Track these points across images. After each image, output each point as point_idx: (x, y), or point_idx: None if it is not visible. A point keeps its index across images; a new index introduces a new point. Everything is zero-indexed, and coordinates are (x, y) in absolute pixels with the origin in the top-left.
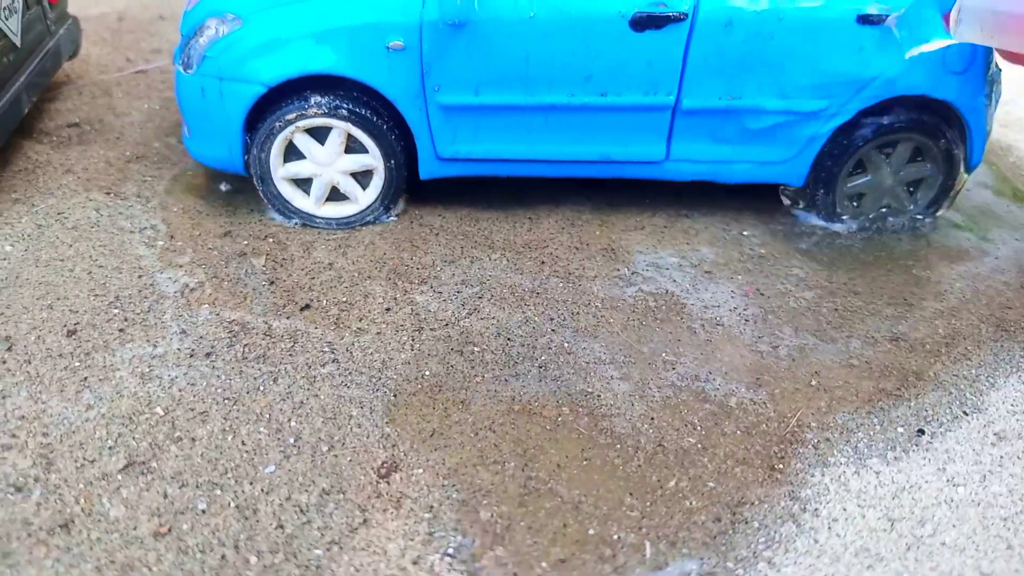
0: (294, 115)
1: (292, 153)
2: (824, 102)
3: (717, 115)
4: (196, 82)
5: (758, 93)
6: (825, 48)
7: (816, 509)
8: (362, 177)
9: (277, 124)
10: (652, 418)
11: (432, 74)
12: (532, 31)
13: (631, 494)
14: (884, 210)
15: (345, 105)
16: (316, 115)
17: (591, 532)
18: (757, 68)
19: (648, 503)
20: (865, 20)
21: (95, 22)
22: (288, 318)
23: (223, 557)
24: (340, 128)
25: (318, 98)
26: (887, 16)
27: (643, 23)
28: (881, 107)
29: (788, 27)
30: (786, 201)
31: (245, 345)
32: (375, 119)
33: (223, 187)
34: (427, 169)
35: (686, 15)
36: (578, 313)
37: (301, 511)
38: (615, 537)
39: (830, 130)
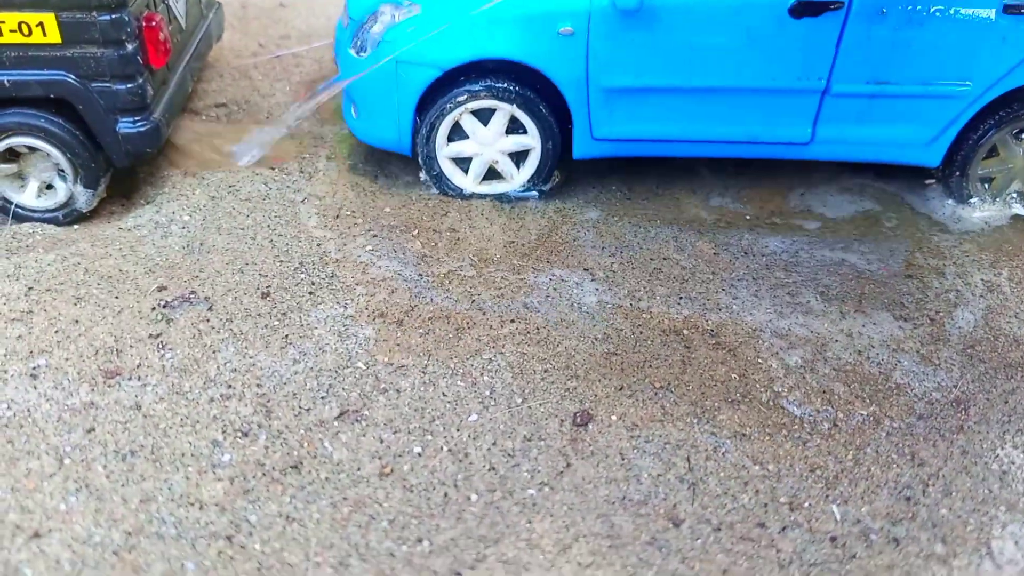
0: (465, 97)
1: (454, 133)
2: (966, 87)
3: (863, 99)
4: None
5: (904, 78)
6: (971, 35)
7: None
8: (517, 156)
9: (448, 105)
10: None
11: (597, 58)
12: (697, 17)
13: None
14: (1013, 194)
15: (513, 88)
16: (485, 97)
17: (780, 495)
18: (905, 54)
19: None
20: (1009, 9)
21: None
22: (460, 284)
23: (445, 495)
24: (505, 110)
25: (489, 81)
26: None
27: (801, 10)
28: (1020, 94)
29: (938, 15)
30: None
31: (428, 308)
32: (539, 102)
33: (370, 168)
34: (581, 149)
35: (843, 3)
36: None
37: (509, 455)
38: (806, 505)
39: (970, 114)
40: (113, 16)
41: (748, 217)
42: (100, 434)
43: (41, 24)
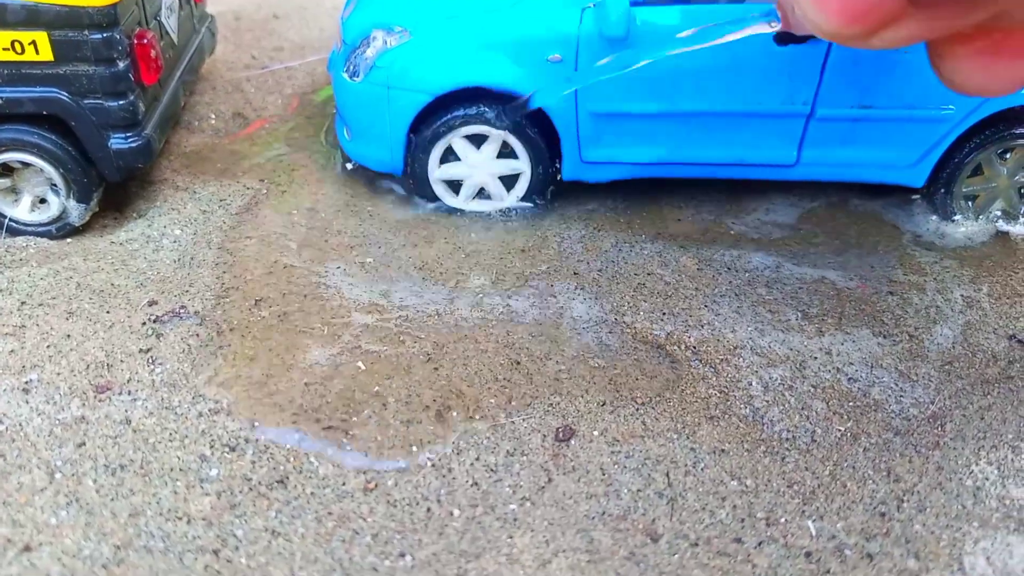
0: (458, 122)
1: (446, 155)
2: (949, 111)
3: (848, 122)
4: (363, 90)
5: (888, 102)
6: None
7: None
8: (507, 179)
9: (441, 129)
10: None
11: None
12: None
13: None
14: (997, 212)
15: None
16: (479, 122)
17: (756, 510)
18: (889, 79)
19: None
20: None
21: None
22: (448, 291)
23: (428, 510)
24: (496, 135)
25: (481, 107)
26: None
27: (786, 38)
28: (1003, 115)
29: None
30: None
31: (417, 313)
32: (529, 128)
33: (348, 165)
34: (570, 172)
35: None
36: None
37: (491, 470)
38: (782, 520)
39: (954, 137)
40: (105, 35)
41: (732, 233)
42: (91, 448)
43: (34, 42)
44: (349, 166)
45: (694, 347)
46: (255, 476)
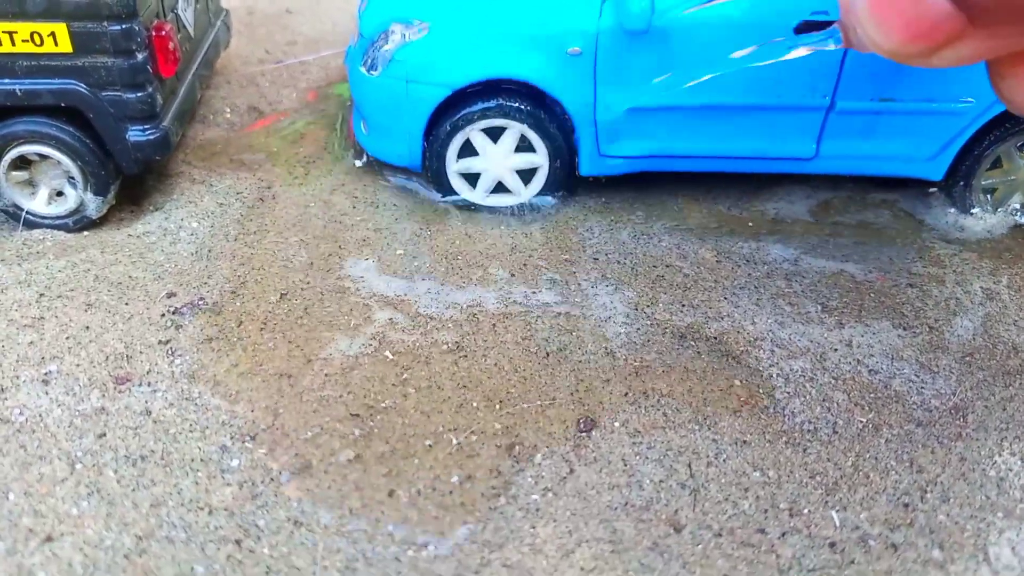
0: (477, 115)
1: (464, 149)
2: (969, 104)
3: (867, 115)
4: (382, 84)
5: (907, 95)
6: None
7: None
8: (525, 173)
9: (460, 123)
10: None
11: (604, 77)
12: (704, 37)
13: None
14: (1016, 205)
15: (524, 107)
16: (497, 115)
17: (779, 501)
18: (908, 72)
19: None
20: None
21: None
22: (469, 285)
23: (450, 499)
24: (515, 128)
25: (501, 100)
26: None
27: (807, 30)
28: None
29: None
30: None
31: (437, 306)
32: (548, 121)
33: (358, 163)
34: (588, 166)
35: None
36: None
37: (515, 460)
38: (805, 511)
39: (973, 130)
40: (124, 26)
41: (751, 224)
42: (111, 439)
43: (53, 34)
44: (362, 161)
45: (715, 339)
46: (276, 465)
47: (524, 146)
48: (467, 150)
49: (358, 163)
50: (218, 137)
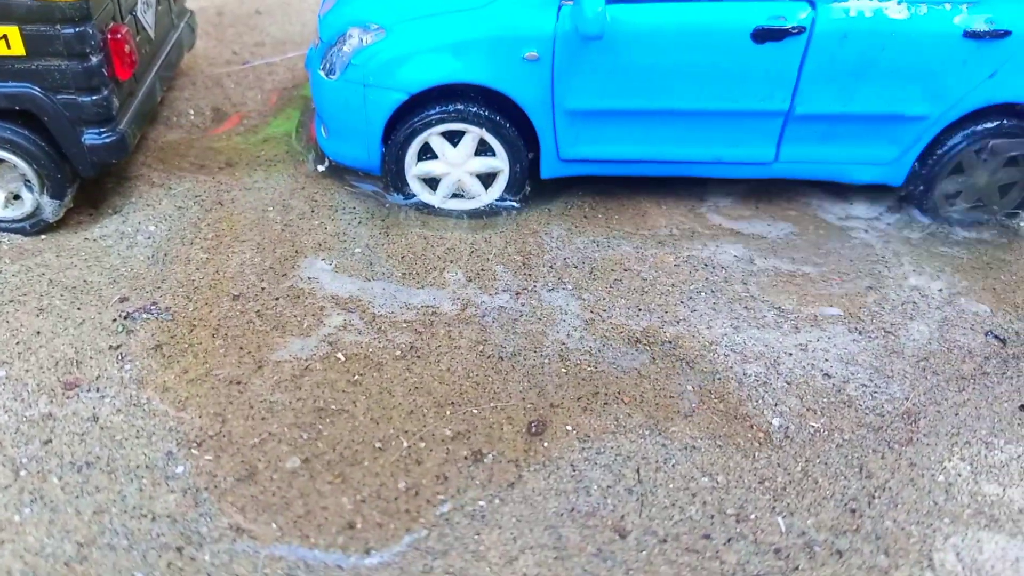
0: (435, 119)
1: (423, 153)
2: (928, 108)
3: (826, 120)
4: (339, 88)
5: (867, 100)
6: (932, 59)
7: None
8: (485, 176)
9: (418, 127)
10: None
11: (561, 82)
12: (660, 43)
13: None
14: (977, 209)
15: (482, 112)
16: (455, 120)
17: (727, 506)
18: (867, 77)
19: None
20: (969, 34)
21: (197, 16)
22: (425, 288)
23: (396, 505)
24: (474, 133)
25: (459, 105)
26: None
27: (764, 36)
28: (982, 113)
29: (900, 40)
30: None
31: (392, 310)
32: (507, 125)
33: (320, 167)
34: (548, 169)
35: (804, 28)
36: None
37: (461, 466)
38: (752, 516)
39: (932, 135)
40: (77, 29)
41: (710, 227)
42: (57, 446)
43: (5, 37)
44: (324, 166)
45: (670, 343)
46: (221, 472)
47: (484, 149)
48: (428, 153)
49: (320, 168)
50: (180, 139)
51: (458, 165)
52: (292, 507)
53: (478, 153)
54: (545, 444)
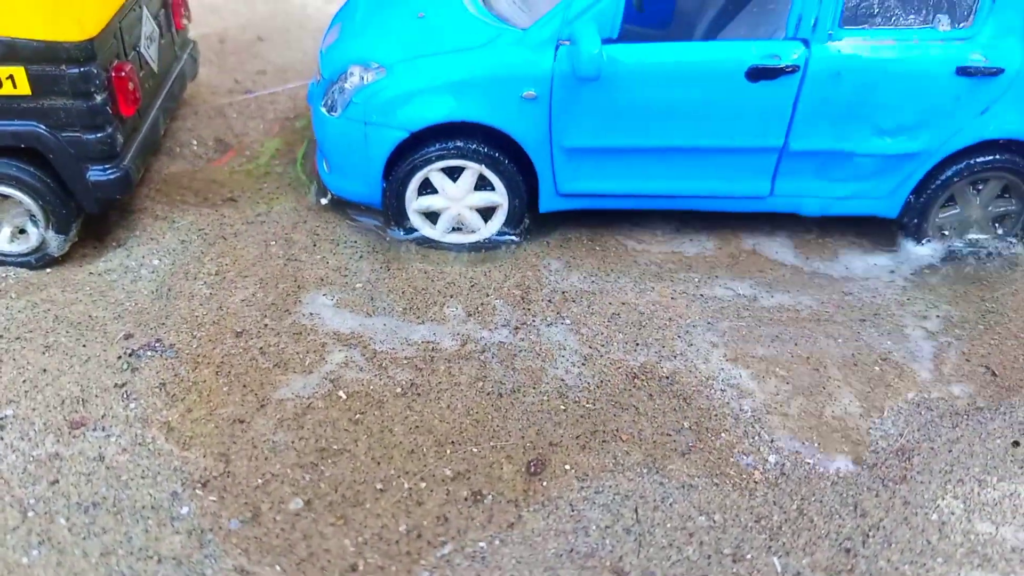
0: (435, 156)
1: (423, 187)
2: (922, 144)
3: (821, 156)
4: (341, 125)
5: (861, 136)
6: (925, 95)
7: None
8: (484, 210)
9: (419, 163)
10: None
11: (559, 120)
12: (655, 83)
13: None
14: (970, 241)
15: (481, 149)
16: (455, 156)
17: (723, 546)
18: (860, 114)
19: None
20: (962, 71)
21: (199, 44)
22: (425, 323)
23: (396, 546)
24: (473, 169)
25: (458, 142)
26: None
27: (758, 74)
28: (974, 148)
29: (893, 78)
30: None
31: (393, 346)
32: (506, 162)
33: (323, 200)
34: (547, 204)
35: (798, 67)
36: None
37: (461, 506)
38: (748, 556)
39: (925, 170)
40: (82, 69)
41: (707, 260)
42: (64, 486)
43: (11, 77)
44: (327, 199)
45: (667, 378)
46: (225, 513)
47: (484, 184)
48: (428, 187)
49: (323, 201)
50: (183, 171)
51: (458, 200)
52: (296, 549)
53: (477, 188)
54: (544, 483)
